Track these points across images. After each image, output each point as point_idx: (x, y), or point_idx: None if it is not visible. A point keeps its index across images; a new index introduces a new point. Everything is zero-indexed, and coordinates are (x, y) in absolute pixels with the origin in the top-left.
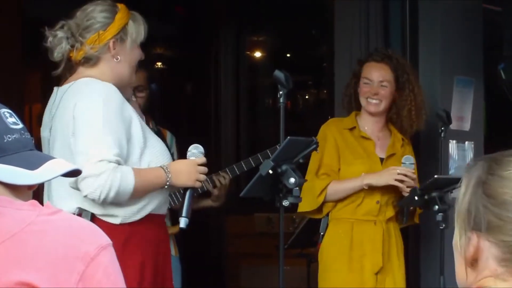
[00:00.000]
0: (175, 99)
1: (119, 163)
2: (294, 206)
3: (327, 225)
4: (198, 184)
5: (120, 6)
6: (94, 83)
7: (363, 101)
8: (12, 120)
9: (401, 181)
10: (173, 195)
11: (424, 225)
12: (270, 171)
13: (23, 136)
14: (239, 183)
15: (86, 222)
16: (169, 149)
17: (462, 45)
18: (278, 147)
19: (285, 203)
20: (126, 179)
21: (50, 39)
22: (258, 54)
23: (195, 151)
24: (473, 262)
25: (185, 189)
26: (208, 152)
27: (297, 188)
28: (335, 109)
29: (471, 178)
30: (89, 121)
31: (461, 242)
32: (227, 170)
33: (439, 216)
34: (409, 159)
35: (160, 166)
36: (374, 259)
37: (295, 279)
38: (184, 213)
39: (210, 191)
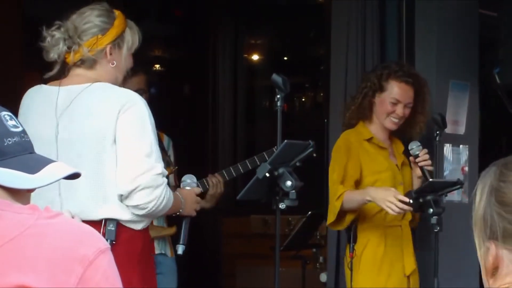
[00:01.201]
0: (173, 100)
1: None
2: (290, 208)
3: (357, 235)
4: (194, 214)
5: (117, 12)
6: (126, 90)
7: (383, 117)
8: (12, 123)
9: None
10: None
11: (419, 228)
12: (267, 174)
13: (23, 139)
14: (236, 185)
15: (85, 226)
16: (166, 152)
17: (458, 48)
18: (274, 150)
19: (282, 206)
20: (170, 196)
21: (48, 39)
22: (255, 56)
23: (189, 181)
24: (494, 271)
25: (182, 217)
26: (205, 154)
27: (294, 191)
28: (330, 111)
29: (484, 186)
30: (144, 132)
31: (480, 253)
32: (224, 172)
33: (434, 219)
34: (416, 143)
35: (176, 193)
36: (407, 262)
37: (290, 281)
38: (181, 240)
39: (204, 192)
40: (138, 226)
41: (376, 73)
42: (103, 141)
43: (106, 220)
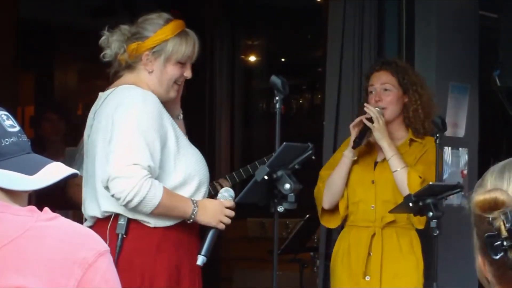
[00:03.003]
0: None
1: (150, 174)
2: (287, 212)
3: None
4: (221, 226)
5: (172, 22)
6: (134, 89)
7: None
8: (9, 122)
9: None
10: None
11: (418, 232)
12: (266, 177)
13: (20, 139)
14: (234, 188)
15: (84, 228)
16: None
17: (458, 51)
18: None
19: (280, 209)
20: (154, 191)
21: (103, 38)
22: (252, 57)
23: (226, 194)
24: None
25: (209, 228)
26: (202, 155)
27: (292, 194)
28: (325, 113)
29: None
30: (126, 125)
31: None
32: (227, 177)
33: (433, 223)
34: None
35: (191, 199)
36: (359, 263)
37: (288, 284)
38: (204, 251)
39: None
40: (149, 225)
41: (365, 79)
42: (106, 142)
43: (117, 215)
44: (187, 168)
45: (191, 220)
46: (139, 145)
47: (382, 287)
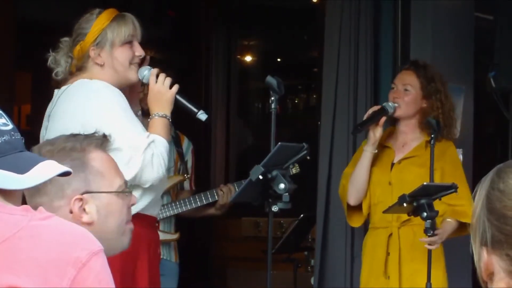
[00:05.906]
0: None
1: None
2: (282, 211)
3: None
4: (174, 90)
5: (105, 11)
6: (93, 82)
7: None
8: (2, 121)
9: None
10: (169, 205)
11: None
12: (260, 177)
13: (13, 138)
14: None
15: (78, 228)
16: (183, 158)
17: (453, 52)
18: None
19: (275, 208)
20: (160, 147)
21: (50, 59)
22: (249, 58)
23: (146, 72)
24: (490, 276)
25: (176, 98)
26: (199, 155)
27: (287, 194)
28: (322, 114)
29: (481, 191)
30: (113, 117)
31: (476, 258)
32: (235, 184)
33: (427, 223)
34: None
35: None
36: (379, 263)
37: (281, 284)
38: (195, 108)
39: (216, 199)
40: None
41: None
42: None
43: None
44: None
45: (169, 118)
46: (134, 129)
47: (402, 286)
